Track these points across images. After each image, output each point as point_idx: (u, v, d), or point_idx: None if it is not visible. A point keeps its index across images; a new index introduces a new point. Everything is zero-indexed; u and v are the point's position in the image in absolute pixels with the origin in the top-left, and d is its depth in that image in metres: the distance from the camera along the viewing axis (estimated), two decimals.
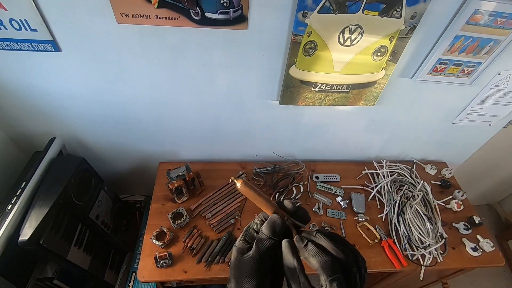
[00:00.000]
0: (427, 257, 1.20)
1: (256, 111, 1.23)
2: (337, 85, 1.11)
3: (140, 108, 1.17)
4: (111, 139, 1.33)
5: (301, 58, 0.99)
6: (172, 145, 1.39)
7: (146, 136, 1.32)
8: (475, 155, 1.62)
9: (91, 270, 1.24)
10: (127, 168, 1.53)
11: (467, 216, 1.36)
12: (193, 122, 1.26)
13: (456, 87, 1.17)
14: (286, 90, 1.11)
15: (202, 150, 1.43)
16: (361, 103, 1.20)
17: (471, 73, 1.11)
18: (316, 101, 1.17)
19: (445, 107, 1.28)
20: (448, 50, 1.01)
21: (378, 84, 1.12)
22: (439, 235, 1.26)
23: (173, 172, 1.25)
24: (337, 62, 1.02)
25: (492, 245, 1.25)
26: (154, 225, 1.18)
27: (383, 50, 0.99)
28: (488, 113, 1.32)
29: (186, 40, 0.92)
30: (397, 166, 1.51)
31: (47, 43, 0.88)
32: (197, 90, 1.11)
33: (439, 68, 1.08)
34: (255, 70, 1.05)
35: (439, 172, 1.54)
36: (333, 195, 1.38)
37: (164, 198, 1.29)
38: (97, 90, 1.07)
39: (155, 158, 1.43)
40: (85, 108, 1.14)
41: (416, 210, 1.31)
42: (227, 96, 1.15)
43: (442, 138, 1.47)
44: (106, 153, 1.39)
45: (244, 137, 1.37)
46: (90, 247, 1.23)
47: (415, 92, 1.19)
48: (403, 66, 1.08)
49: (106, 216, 1.35)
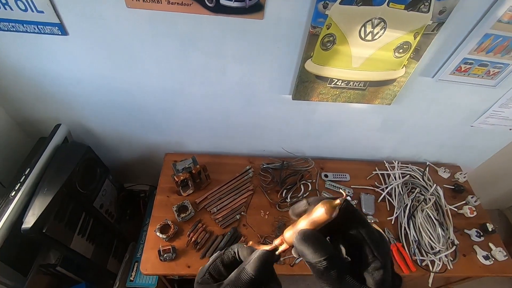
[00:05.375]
0: (437, 263, 1.17)
1: (267, 105, 1.19)
2: (354, 82, 1.06)
3: (148, 97, 1.14)
4: (118, 127, 1.30)
5: (318, 52, 0.94)
6: (179, 135, 1.36)
7: (153, 125, 1.29)
8: (491, 159, 1.57)
9: (94, 259, 1.24)
10: (133, 157, 1.51)
11: (480, 223, 1.31)
12: (202, 113, 1.23)
13: (479, 89, 1.11)
14: (300, 85, 1.06)
15: (209, 143, 1.40)
16: (377, 101, 1.14)
17: (497, 75, 1.05)
18: (331, 97, 1.12)
19: (465, 109, 1.22)
20: (475, 50, 0.95)
21: (397, 83, 1.07)
22: (450, 241, 1.22)
23: (180, 164, 1.22)
24: (356, 58, 0.96)
25: (505, 254, 1.21)
26: (158, 217, 1.16)
27: (405, 47, 0.93)
28: (510, 117, 1.25)
29: (198, 28, 0.88)
30: (409, 167, 1.46)
31: (54, 26, 0.84)
32: (207, 81, 1.07)
33: (463, 68, 1.02)
34: (269, 63, 1.00)
35: (452, 175, 1.49)
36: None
37: (170, 190, 1.27)
38: (105, 77, 1.04)
39: (162, 148, 1.41)
40: (92, 94, 1.11)
41: (428, 214, 1.27)
42: (238, 88, 1.11)
43: (458, 141, 1.41)
44: (112, 141, 1.37)
45: (253, 131, 1.33)
46: (94, 236, 1.21)
47: (435, 92, 1.13)
48: (425, 64, 1.02)
49: (110, 205, 1.33)
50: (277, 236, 1.20)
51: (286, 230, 0.31)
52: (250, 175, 1.35)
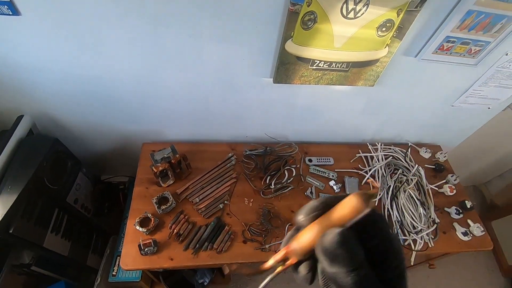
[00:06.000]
0: (419, 242, 1.19)
1: (248, 90, 1.14)
2: (336, 63, 1.02)
3: (120, 83, 1.06)
4: (89, 117, 1.21)
5: (299, 31, 0.89)
6: (156, 124, 1.29)
7: (128, 114, 1.21)
8: (468, 138, 1.60)
9: (72, 256, 1.18)
10: (108, 149, 1.43)
11: (459, 201, 1.35)
12: (180, 100, 1.16)
13: (460, 68, 1.10)
14: (281, 67, 1.01)
15: (189, 130, 1.34)
16: (360, 83, 1.12)
17: (478, 53, 1.04)
18: (313, 79, 1.08)
19: (446, 89, 1.22)
20: (458, 27, 0.93)
21: (380, 63, 1.04)
22: (431, 220, 1.24)
23: (158, 154, 1.16)
24: (338, 37, 0.92)
25: (482, 230, 1.25)
26: (137, 210, 1.11)
27: (389, 25, 0.90)
28: (489, 96, 1.26)
29: (169, 6, 0.80)
30: (391, 149, 1.47)
31: (3, 5, 0.75)
32: (183, 65, 1.00)
33: (445, 47, 1.00)
34: (248, 44, 0.95)
35: (433, 155, 1.51)
36: (326, 178, 1.34)
37: (148, 181, 1.21)
38: (69, 63, 0.95)
39: (139, 138, 1.33)
40: (56, 82, 1.02)
41: (410, 194, 1.28)
42: (216, 72, 1.05)
43: (439, 120, 1.42)
44: (84, 132, 1.28)
45: (234, 117, 1.28)
46: (69, 232, 1.15)
47: (417, 72, 1.11)
48: (408, 43, 0.99)
49: (86, 199, 1.26)
50: (262, 224, 1.19)
51: (287, 240, 0.27)
52: (232, 163, 1.31)
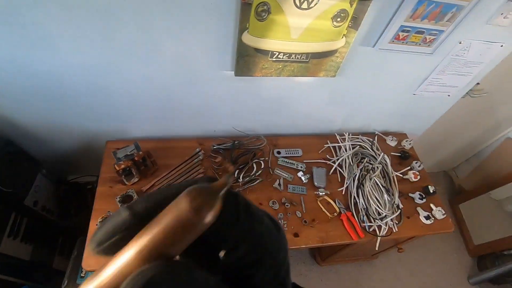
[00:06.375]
0: (383, 227, 1.23)
1: (210, 83, 1.12)
2: (296, 54, 1.02)
3: (76, 80, 1.02)
4: (47, 116, 1.16)
5: (254, 23, 0.88)
6: (119, 121, 1.25)
7: (87, 111, 1.17)
8: (433, 125, 1.65)
9: (35, 260, 1.14)
10: (72, 148, 1.38)
11: (423, 186, 1.39)
12: (141, 96, 1.13)
13: (418, 57, 1.13)
14: (240, 60, 1.00)
15: (154, 127, 1.31)
16: (321, 73, 1.12)
17: (433, 42, 1.07)
18: (274, 71, 1.07)
19: (406, 77, 1.25)
20: (411, 16, 0.95)
21: (339, 53, 1.05)
22: (395, 206, 1.28)
23: (120, 152, 1.13)
24: (294, 28, 0.92)
25: (443, 213, 1.31)
26: (100, 210, 1.09)
27: (343, 15, 0.90)
28: (448, 83, 1.30)
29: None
30: (359, 138, 1.50)
31: None
32: (140, 60, 0.98)
33: (401, 36, 1.02)
34: (205, 37, 0.93)
35: (399, 143, 1.55)
36: (295, 170, 1.35)
37: (112, 180, 1.18)
38: (14, 59, 0.90)
39: (101, 136, 1.29)
40: (4, 80, 0.97)
41: (375, 182, 1.32)
42: (176, 66, 1.02)
43: (403, 109, 1.46)
44: (41, 132, 1.23)
45: (200, 112, 1.26)
46: (30, 236, 1.11)
47: (377, 62, 1.13)
48: (364, 33, 1.00)
49: (47, 201, 1.22)
50: None
51: None
52: (200, 158, 1.30)
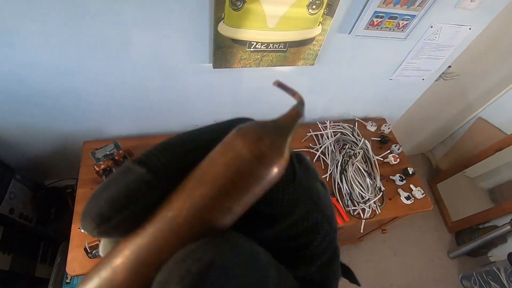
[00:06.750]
0: (367, 210, 1.26)
1: (189, 77, 1.10)
2: (273, 44, 1.01)
3: (45, 79, 0.97)
4: (17, 119, 1.11)
5: (229, 13, 0.87)
6: (96, 121, 1.21)
7: (60, 112, 1.12)
8: (410, 109, 1.70)
9: (15, 269, 1.10)
10: (48, 152, 1.32)
11: (402, 168, 1.44)
12: (116, 94, 1.09)
13: (392, 42, 1.15)
14: (217, 51, 0.99)
15: (133, 125, 1.27)
16: (300, 62, 1.13)
17: (406, 27, 1.09)
18: (253, 62, 1.07)
19: (383, 63, 1.27)
20: (384, 2, 0.96)
21: (316, 41, 1.05)
22: (377, 189, 1.32)
23: (99, 152, 1.10)
24: (270, 17, 0.91)
25: (422, 193, 1.36)
26: None
27: (318, 2, 0.91)
28: (422, 67, 1.34)
29: None
30: (340, 125, 1.52)
31: None
32: (112, 55, 0.94)
33: (375, 22, 1.04)
34: (178, 28, 0.90)
35: (378, 128, 1.59)
36: None
37: (93, 181, 1.14)
38: None
39: (78, 137, 1.25)
40: None
41: (358, 167, 1.35)
42: (151, 61, 0.99)
43: (381, 95, 1.49)
44: (13, 136, 1.17)
45: (179, 106, 1.24)
46: (8, 245, 1.07)
47: (353, 48, 1.14)
48: (340, 20, 1.01)
49: (25, 208, 1.17)
50: None
51: None
52: None
